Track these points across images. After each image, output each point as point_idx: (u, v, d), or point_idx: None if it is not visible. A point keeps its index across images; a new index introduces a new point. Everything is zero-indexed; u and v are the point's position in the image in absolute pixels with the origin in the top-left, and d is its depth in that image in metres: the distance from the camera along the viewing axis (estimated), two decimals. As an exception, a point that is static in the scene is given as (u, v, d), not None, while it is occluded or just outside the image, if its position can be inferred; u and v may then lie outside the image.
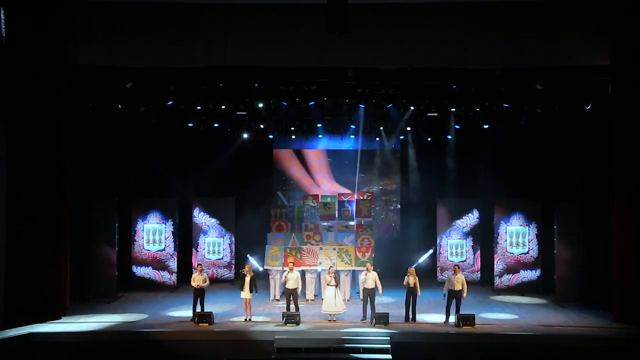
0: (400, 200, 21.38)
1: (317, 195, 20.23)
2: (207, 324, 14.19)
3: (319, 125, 19.67)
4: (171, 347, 13.51)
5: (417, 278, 14.68)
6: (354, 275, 17.40)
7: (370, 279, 14.72)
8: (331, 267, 15.53)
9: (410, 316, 14.62)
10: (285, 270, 15.51)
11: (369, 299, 14.69)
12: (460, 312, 14.37)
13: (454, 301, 14.53)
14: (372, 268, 15.15)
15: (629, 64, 14.37)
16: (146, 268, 18.72)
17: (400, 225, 21.34)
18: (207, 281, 14.98)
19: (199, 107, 17.24)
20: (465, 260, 19.35)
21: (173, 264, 18.74)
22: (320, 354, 13.11)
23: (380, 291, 14.79)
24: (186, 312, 15.16)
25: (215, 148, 20.40)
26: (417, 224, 20.45)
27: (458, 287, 14.50)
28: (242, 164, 20.72)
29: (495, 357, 13.37)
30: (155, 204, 18.93)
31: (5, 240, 14.56)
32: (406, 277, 14.69)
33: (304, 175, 21.64)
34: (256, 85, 16.67)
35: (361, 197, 19.96)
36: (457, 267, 15.14)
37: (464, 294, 14.54)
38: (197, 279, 14.81)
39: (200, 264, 16.10)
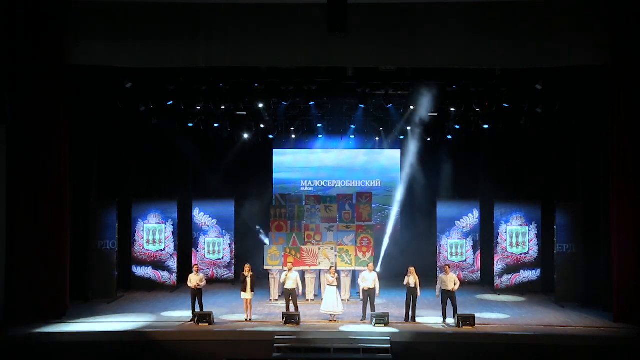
0: (400, 200, 21.37)
1: (318, 196, 20.24)
2: (207, 324, 14.19)
3: (319, 125, 19.66)
4: (171, 347, 13.50)
5: (417, 278, 14.68)
6: (354, 275, 17.41)
7: (370, 279, 14.74)
8: (331, 267, 15.53)
9: (410, 316, 14.62)
10: (284, 270, 15.51)
11: (368, 299, 14.71)
12: (460, 312, 14.37)
13: (449, 301, 14.55)
14: (373, 268, 15.18)
15: (629, 64, 14.35)
16: (146, 268, 18.73)
17: (400, 226, 21.33)
18: (204, 281, 15.00)
19: (199, 107, 17.24)
20: (465, 260, 19.35)
21: (173, 264, 18.75)
22: (320, 354, 13.12)
23: (377, 292, 14.81)
24: (186, 312, 15.15)
25: (215, 148, 20.41)
26: (417, 224, 20.46)
27: (451, 286, 14.52)
28: (242, 164, 20.73)
29: (495, 357, 13.36)
30: (155, 204, 18.94)
31: (5, 240, 14.58)
32: (406, 277, 14.69)
33: (304, 175, 21.69)
34: (256, 85, 16.68)
35: (361, 200, 19.98)
36: (447, 266, 15.20)
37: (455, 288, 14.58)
38: (193, 279, 14.82)
39: (197, 265, 16.09)
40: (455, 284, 14.54)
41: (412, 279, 14.59)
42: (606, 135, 15.15)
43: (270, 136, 20.57)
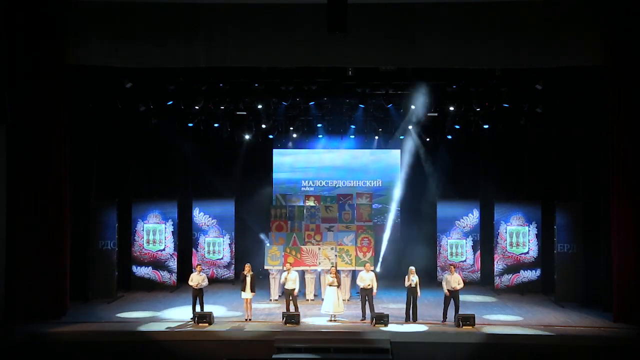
0: (400, 201, 21.37)
1: (318, 196, 20.25)
2: (207, 324, 14.19)
3: (319, 125, 19.66)
4: (171, 347, 13.49)
5: (418, 278, 14.67)
6: (354, 275, 17.40)
7: (367, 278, 14.74)
8: (332, 267, 15.54)
9: (411, 316, 14.62)
10: (284, 270, 15.51)
11: (366, 299, 14.72)
12: (461, 312, 14.37)
13: (451, 301, 14.54)
14: (371, 268, 15.16)
15: (629, 64, 14.34)
16: (146, 268, 18.74)
17: (400, 226, 21.32)
18: (206, 281, 15.01)
19: (198, 107, 17.24)
20: (465, 260, 19.36)
21: (173, 264, 18.75)
22: (320, 354, 13.10)
23: (375, 291, 14.80)
24: (186, 312, 15.15)
25: (215, 148, 20.42)
26: (417, 224, 20.47)
27: (454, 285, 14.51)
28: (242, 164, 20.73)
29: (495, 357, 13.36)
30: (155, 204, 18.94)
31: (5, 241, 14.57)
32: (407, 277, 14.68)
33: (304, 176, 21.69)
34: (256, 85, 16.67)
35: (361, 200, 19.97)
36: (452, 266, 15.16)
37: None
38: (195, 279, 14.83)
39: (200, 264, 16.11)
40: (458, 284, 14.54)
41: (412, 279, 14.58)
42: (606, 135, 15.13)
43: (270, 136, 20.57)
